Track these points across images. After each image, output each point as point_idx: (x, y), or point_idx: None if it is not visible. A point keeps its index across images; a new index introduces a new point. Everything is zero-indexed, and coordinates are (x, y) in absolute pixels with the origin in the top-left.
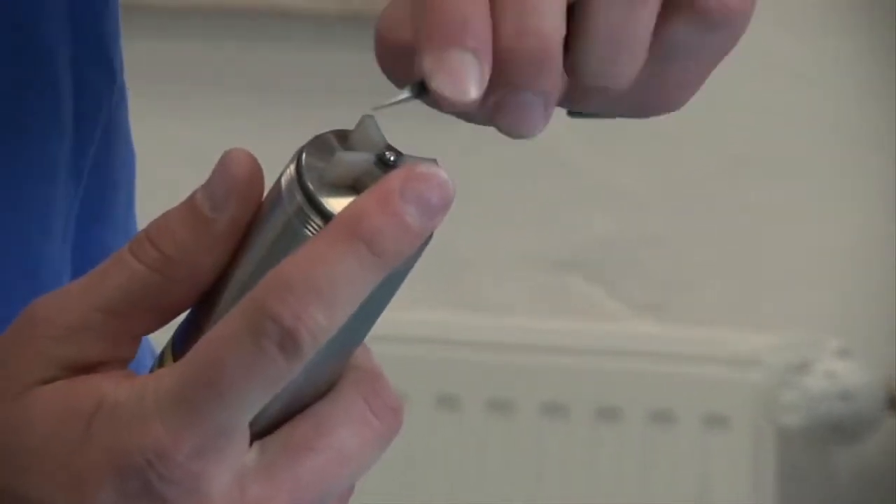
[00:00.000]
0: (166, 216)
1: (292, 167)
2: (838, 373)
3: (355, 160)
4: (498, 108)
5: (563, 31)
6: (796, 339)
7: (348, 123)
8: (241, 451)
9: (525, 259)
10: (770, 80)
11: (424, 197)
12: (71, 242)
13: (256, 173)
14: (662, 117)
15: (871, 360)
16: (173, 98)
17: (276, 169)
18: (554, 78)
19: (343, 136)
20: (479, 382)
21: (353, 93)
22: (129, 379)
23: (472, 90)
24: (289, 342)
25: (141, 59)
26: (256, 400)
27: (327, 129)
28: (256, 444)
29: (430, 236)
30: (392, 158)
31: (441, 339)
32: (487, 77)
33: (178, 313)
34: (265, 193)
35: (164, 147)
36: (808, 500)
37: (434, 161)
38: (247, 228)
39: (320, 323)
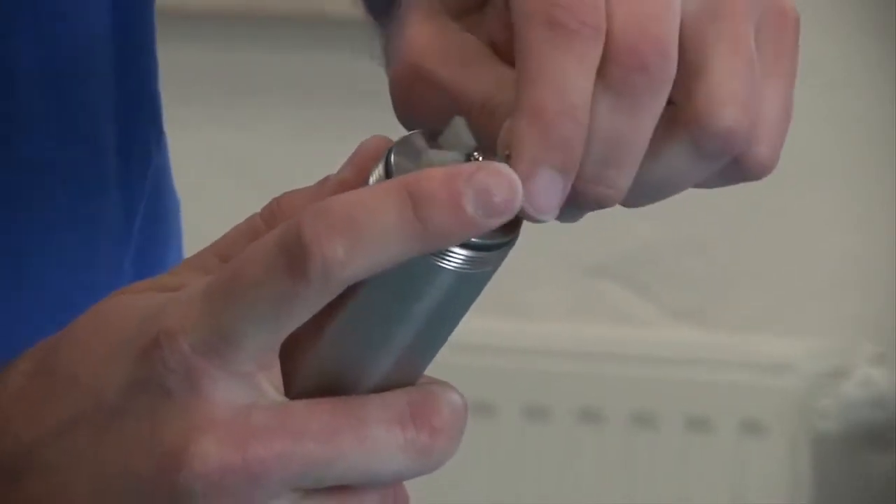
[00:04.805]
0: None
1: (381, 165)
2: (874, 379)
3: (444, 159)
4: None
5: (587, 108)
6: (833, 345)
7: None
8: (247, 369)
9: (561, 265)
10: (806, 85)
11: (489, 191)
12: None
13: (379, 149)
14: None
15: None
16: (208, 104)
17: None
18: (575, 154)
19: (432, 136)
20: (514, 388)
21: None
22: None
23: (553, 214)
24: (299, 260)
25: (175, 65)
26: (262, 314)
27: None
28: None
29: (499, 260)
30: (480, 159)
31: (477, 345)
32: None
33: None
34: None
35: (199, 153)
36: None
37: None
38: None
39: (338, 255)
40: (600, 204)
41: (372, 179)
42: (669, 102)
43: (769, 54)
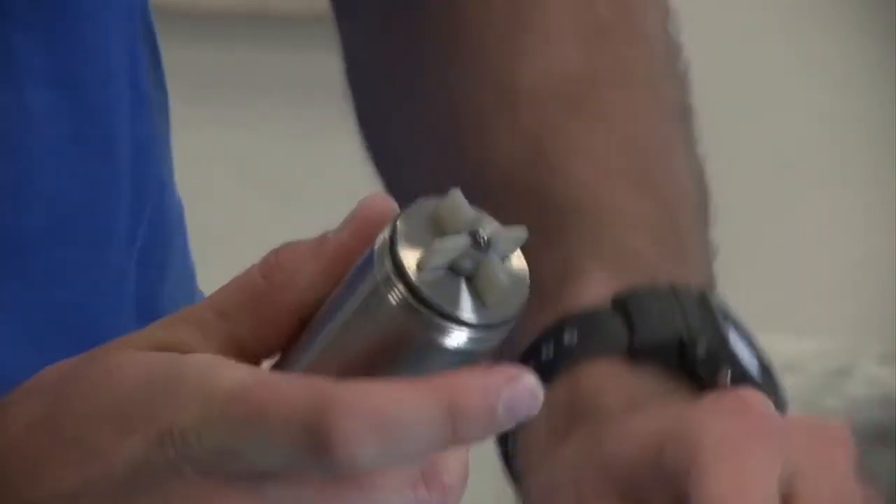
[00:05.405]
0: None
1: (387, 232)
2: (880, 378)
3: (453, 247)
4: None
5: None
6: (838, 345)
7: None
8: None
9: None
10: (806, 85)
11: (517, 406)
12: (133, 299)
13: (379, 212)
14: (701, 124)
15: None
16: (208, 104)
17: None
18: None
19: (437, 204)
20: None
21: None
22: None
23: None
24: (325, 452)
25: (175, 65)
26: (278, 463)
27: None
28: None
29: (502, 336)
30: (486, 239)
31: None
32: None
33: (277, 329)
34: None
35: (199, 153)
36: None
37: (523, 229)
38: (345, 273)
39: (368, 456)
40: None
41: (377, 245)
42: None
43: None
